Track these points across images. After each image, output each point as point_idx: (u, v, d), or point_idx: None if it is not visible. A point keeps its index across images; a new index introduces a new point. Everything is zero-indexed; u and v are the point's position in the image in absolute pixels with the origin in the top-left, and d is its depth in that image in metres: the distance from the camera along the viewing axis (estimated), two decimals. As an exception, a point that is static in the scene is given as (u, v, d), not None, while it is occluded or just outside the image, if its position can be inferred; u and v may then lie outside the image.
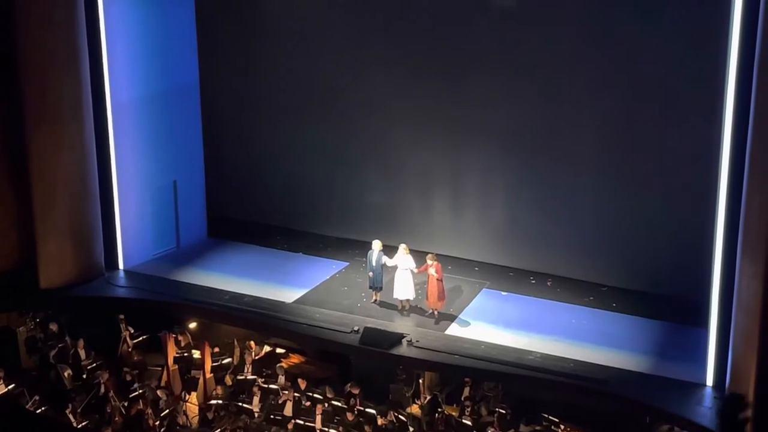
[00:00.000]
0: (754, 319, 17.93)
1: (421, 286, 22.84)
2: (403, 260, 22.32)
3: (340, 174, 26.58)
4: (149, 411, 20.94)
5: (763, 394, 18.00)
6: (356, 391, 21.08)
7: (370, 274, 22.78)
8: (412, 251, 22.63)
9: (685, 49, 21.90)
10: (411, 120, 25.34)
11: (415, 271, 22.36)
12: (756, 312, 17.88)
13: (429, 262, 22.07)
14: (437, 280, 21.99)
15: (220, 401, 21.45)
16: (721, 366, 19.42)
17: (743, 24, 18.11)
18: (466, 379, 21.37)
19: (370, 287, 22.98)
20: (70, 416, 20.50)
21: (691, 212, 22.17)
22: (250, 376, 22.17)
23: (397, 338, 21.33)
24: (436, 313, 22.30)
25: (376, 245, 22.70)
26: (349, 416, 20.57)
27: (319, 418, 20.49)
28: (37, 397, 20.91)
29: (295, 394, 21.10)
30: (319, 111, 26.47)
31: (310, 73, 26.35)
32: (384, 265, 22.62)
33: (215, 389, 21.91)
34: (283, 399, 21.07)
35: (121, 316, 23.18)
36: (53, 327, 23.00)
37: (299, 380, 21.66)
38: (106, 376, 21.63)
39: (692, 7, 21.61)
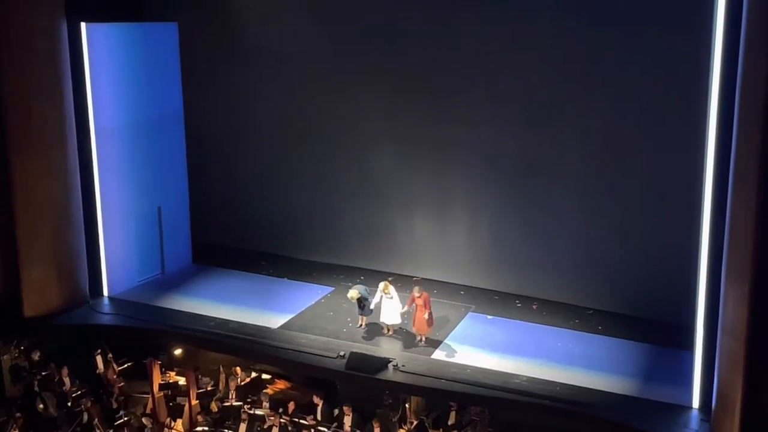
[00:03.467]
0: (740, 342, 17.93)
1: (408, 311, 22.82)
2: (385, 296, 22.31)
3: (324, 199, 26.61)
4: (135, 439, 20.89)
5: (749, 415, 18.01)
6: (349, 414, 20.99)
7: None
8: (396, 276, 22.61)
9: (670, 71, 21.97)
10: (395, 143, 25.40)
11: (404, 310, 22.33)
12: (741, 334, 17.89)
13: (416, 294, 22.05)
14: (424, 309, 21.99)
15: (206, 428, 21.36)
16: (706, 389, 19.43)
17: (725, 46, 18.19)
18: (452, 404, 21.30)
19: (360, 315, 23.02)
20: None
21: (677, 235, 22.22)
22: (235, 403, 22.09)
23: (383, 363, 21.30)
24: (423, 339, 22.27)
25: (352, 296, 22.64)
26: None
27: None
28: (20, 422, 20.81)
29: (281, 420, 21.02)
30: (302, 136, 26.52)
31: (293, 99, 26.41)
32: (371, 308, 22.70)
33: (198, 416, 21.82)
34: (268, 425, 20.98)
35: (98, 352, 23.08)
36: (37, 355, 22.89)
37: (290, 404, 21.61)
38: (89, 403, 21.52)
39: (675, 29, 21.68)
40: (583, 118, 23.31)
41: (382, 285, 22.43)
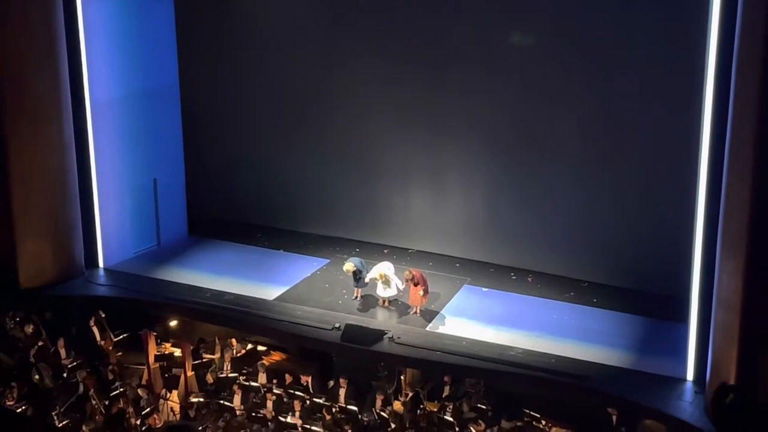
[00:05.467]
0: (734, 315, 18.00)
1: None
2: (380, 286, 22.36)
3: (319, 171, 26.54)
4: (130, 410, 20.88)
5: (743, 388, 18.07)
6: (344, 386, 21.06)
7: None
8: (392, 248, 22.58)
9: (665, 45, 21.95)
10: (391, 116, 25.33)
11: (401, 287, 22.33)
12: (736, 307, 17.95)
13: (407, 276, 22.03)
14: (420, 287, 22.01)
15: (201, 399, 21.41)
16: (701, 361, 19.51)
17: (722, 20, 18.17)
18: (446, 379, 21.34)
19: (355, 287, 23.03)
20: (51, 415, 20.44)
21: (672, 208, 22.22)
22: (231, 374, 22.14)
23: (378, 335, 21.34)
24: (418, 311, 22.30)
25: (348, 270, 22.64)
26: (330, 413, 20.54)
27: (297, 414, 20.49)
28: (14, 393, 20.85)
29: (276, 391, 21.08)
30: (298, 108, 26.44)
31: (288, 71, 26.31)
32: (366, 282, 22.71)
33: (192, 389, 21.89)
34: (264, 397, 21.03)
35: (92, 321, 23.08)
36: (33, 326, 22.89)
37: (286, 375, 21.67)
38: (84, 374, 21.55)
39: (671, 2, 21.65)
40: (579, 91, 23.26)
41: (376, 274, 22.39)
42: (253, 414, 20.81)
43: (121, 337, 23.27)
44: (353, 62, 25.51)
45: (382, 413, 20.58)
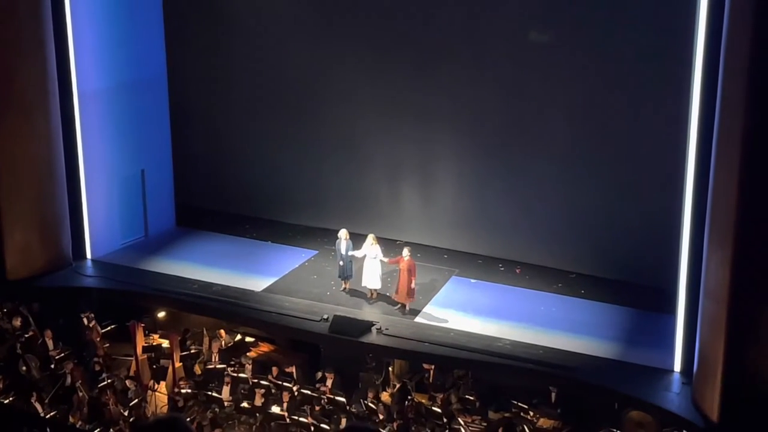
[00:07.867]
0: (721, 306, 18.03)
1: (390, 274, 22.81)
2: (371, 250, 22.29)
3: (308, 162, 26.52)
4: (117, 401, 20.86)
5: (730, 378, 18.12)
6: (331, 378, 21.07)
7: (340, 263, 22.77)
8: (381, 239, 22.63)
9: (653, 39, 21.96)
10: (380, 109, 25.32)
11: (385, 260, 22.31)
12: (723, 299, 17.98)
13: (405, 255, 21.97)
14: (408, 275, 21.94)
15: (189, 391, 21.40)
16: (688, 352, 19.56)
17: (709, 16, 18.20)
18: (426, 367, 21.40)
19: (340, 276, 22.97)
20: (38, 406, 20.41)
21: (660, 199, 22.26)
22: (219, 366, 22.13)
23: (366, 326, 21.33)
24: (407, 306, 22.23)
25: (343, 234, 22.68)
26: (318, 404, 20.56)
27: (285, 405, 20.51)
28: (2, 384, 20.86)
29: (264, 383, 21.08)
30: (287, 100, 26.40)
31: (277, 63, 26.27)
32: (353, 255, 22.61)
33: (180, 380, 21.86)
34: (253, 388, 21.04)
35: (84, 315, 23.04)
36: (20, 317, 22.86)
37: (273, 368, 21.66)
38: (71, 365, 21.52)
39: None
40: (567, 85, 23.29)
41: (370, 238, 22.39)
42: (241, 405, 20.82)
43: (108, 328, 23.25)
44: (343, 54, 25.46)
45: (370, 404, 20.60)
